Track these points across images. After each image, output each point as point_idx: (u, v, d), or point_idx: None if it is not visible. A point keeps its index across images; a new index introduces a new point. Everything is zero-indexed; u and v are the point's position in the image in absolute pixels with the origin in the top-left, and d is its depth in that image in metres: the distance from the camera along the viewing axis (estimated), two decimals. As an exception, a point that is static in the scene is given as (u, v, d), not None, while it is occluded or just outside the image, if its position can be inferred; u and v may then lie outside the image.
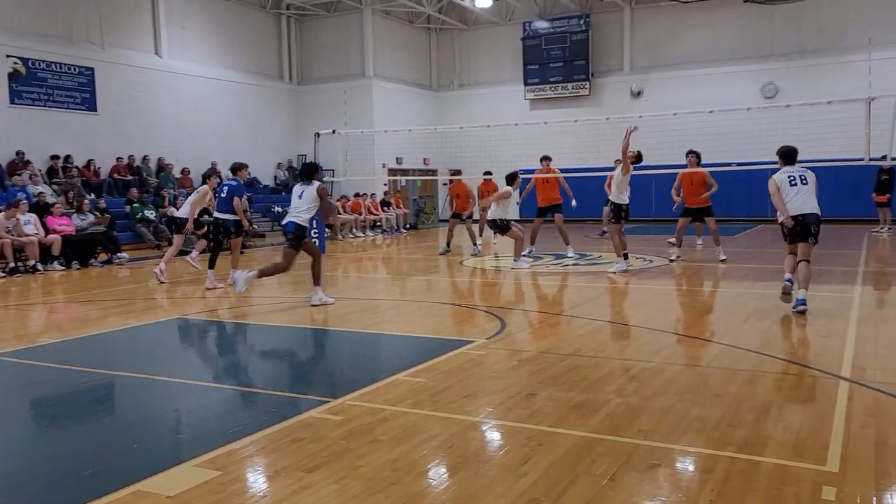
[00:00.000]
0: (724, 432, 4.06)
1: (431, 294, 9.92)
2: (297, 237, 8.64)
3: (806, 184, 7.82)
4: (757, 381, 5.13)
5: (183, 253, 12.81)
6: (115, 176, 19.32)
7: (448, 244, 15.05)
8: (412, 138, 23.88)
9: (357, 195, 22.35)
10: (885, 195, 17.51)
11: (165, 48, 21.42)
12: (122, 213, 17.63)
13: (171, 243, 16.67)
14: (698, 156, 12.58)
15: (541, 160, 14.12)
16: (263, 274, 9.00)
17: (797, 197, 7.77)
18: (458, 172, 25.98)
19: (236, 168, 11.51)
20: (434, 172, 27.55)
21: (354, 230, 21.51)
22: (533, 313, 8.14)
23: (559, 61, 26.41)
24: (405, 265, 14.64)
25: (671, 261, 12.23)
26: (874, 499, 3.22)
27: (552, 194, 13.91)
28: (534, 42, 26.76)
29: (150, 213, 17.45)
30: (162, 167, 20.63)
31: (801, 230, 7.81)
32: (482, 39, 28.31)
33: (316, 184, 8.79)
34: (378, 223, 22.70)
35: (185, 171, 21.13)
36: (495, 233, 12.47)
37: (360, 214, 21.97)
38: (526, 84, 27.00)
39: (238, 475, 3.63)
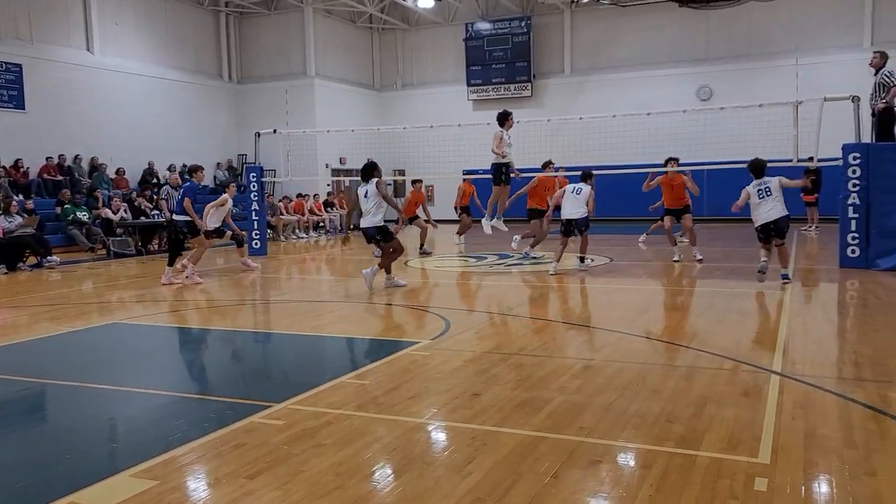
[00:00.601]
0: (663, 428, 4.16)
1: (376, 295, 9.87)
2: (383, 233, 9.66)
3: (771, 195, 9.20)
4: (693, 376, 5.28)
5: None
6: (45, 176, 18.65)
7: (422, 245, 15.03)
8: (355, 138, 23.73)
9: (299, 196, 22.10)
10: (812, 195, 18.20)
11: (98, 44, 20.76)
12: (53, 214, 17.02)
13: (103, 245, 16.24)
14: (677, 161, 12.66)
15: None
16: (387, 269, 9.90)
17: (766, 207, 9.21)
18: (402, 173, 25.97)
19: (192, 170, 11.57)
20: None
21: (297, 231, 21.26)
22: (477, 313, 8.19)
23: (501, 62, 26.65)
24: (349, 266, 14.54)
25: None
26: (803, 488, 3.34)
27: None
28: (476, 43, 26.93)
29: (83, 215, 16.90)
30: (95, 167, 19.99)
31: (776, 232, 9.26)
32: (425, 40, 28.35)
33: (374, 181, 9.60)
34: (321, 224, 22.49)
35: (119, 172, 20.52)
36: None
37: (303, 215, 21.73)
38: (469, 85, 27.15)
39: (177, 484, 3.55)
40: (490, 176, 11.08)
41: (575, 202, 10.92)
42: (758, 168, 9.44)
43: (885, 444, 3.89)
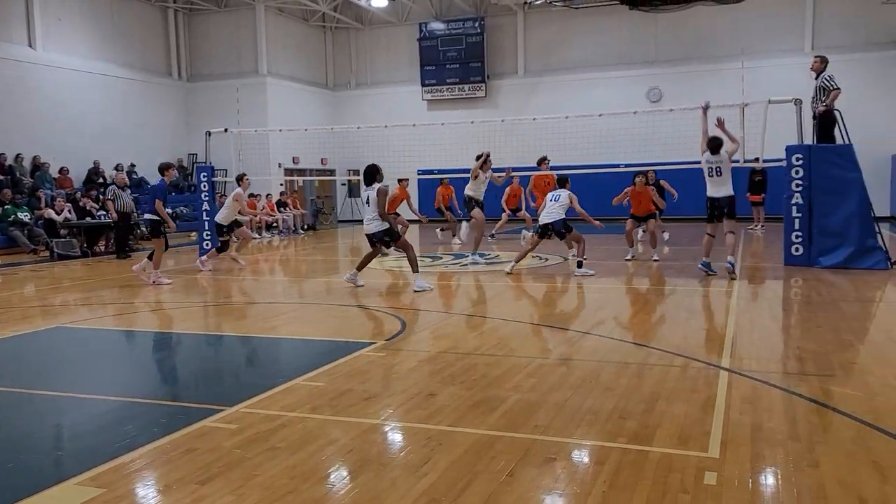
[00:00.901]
0: (616, 424, 4.22)
1: (331, 296, 9.80)
2: (391, 235, 9.72)
3: (720, 175, 9.90)
4: (645, 373, 5.37)
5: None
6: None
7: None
8: (309, 138, 23.53)
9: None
10: (759, 195, 18.70)
11: (40, 40, 20.13)
12: (-7, 215, 16.48)
13: (47, 246, 15.77)
14: (646, 176, 12.99)
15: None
16: (416, 269, 9.82)
17: (712, 184, 10.00)
18: (356, 172, 25.81)
19: (163, 168, 11.45)
20: (332, 173, 27.24)
21: (250, 231, 20.93)
22: (433, 313, 8.19)
23: (455, 63, 26.71)
24: (303, 267, 14.41)
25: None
26: (750, 481, 3.43)
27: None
28: (430, 43, 26.94)
29: (25, 216, 16.39)
30: (37, 166, 19.38)
31: (717, 211, 9.94)
32: (379, 39, 28.24)
33: (377, 187, 9.53)
34: (274, 224, 22.22)
35: (63, 171, 19.94)
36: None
37: (255, 215, 21.41)
38: (423, 85, 27.14)
39: (125, 491, 3.46)
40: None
41: (551, 208, 11.00)
42: (714, 146, 10.03)
43: (827, 436, 4.02)
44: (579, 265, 10.85)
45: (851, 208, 11.00)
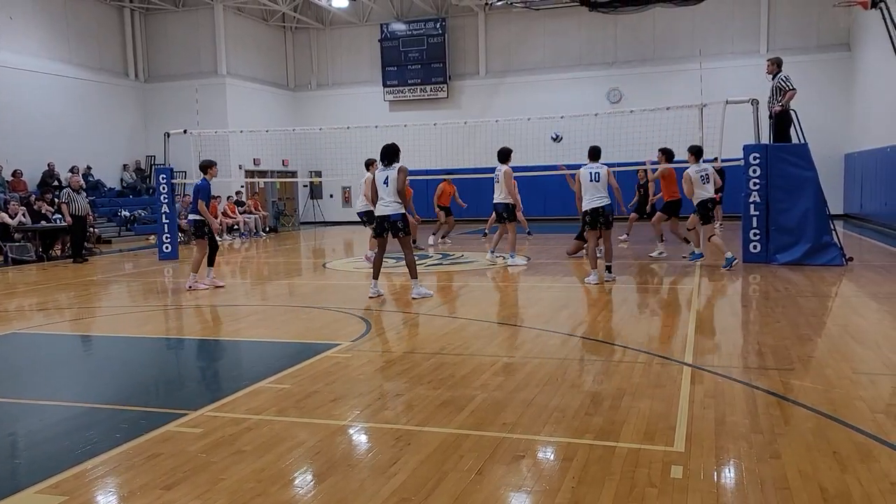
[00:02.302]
0: (583, 421, 4.26)
1: (294, 298, 9.71)
2: (406, 223, 8.83)
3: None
4: (610, 370, 5.42)
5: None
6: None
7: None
8: (270, 139, 23.31)
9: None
10: (717, 194, 19.02)
11: (-9, 39, 19.60)
12: (-57, 219, 15.94)
13: (0, 251, 15.33)
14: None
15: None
16: (414, 274, 9.08)
17: (708, 188, 10.93)
18: (318, 174, 25.67)
19: (205, 166, 10.63)
20: (294, 174, 27.00)
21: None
22: (398, 314, 8.17)
23: (417, 63, 26.69)
24: (266, 269, 14.25)
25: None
26: (715, 473, 3.49)
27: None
28: (392, 44, 26.87)
29: (-23, 220, 15.90)
30: (-11, 169, 18.85)
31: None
32: (340, 39, 28.09)
33: (398, 165, 8.78)
34: (235, 227, 21.95)
35: (17, 174, 19.42)
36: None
37: (216, 218, 21.13)
38: (385, 86, 27.06)
39: (87, 498, 3.38)
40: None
41: (594, 189, 10.11)
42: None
43: (788, 428, 4.11)
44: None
45: (807, 206, 11.28)
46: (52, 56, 21.52)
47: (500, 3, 24.70)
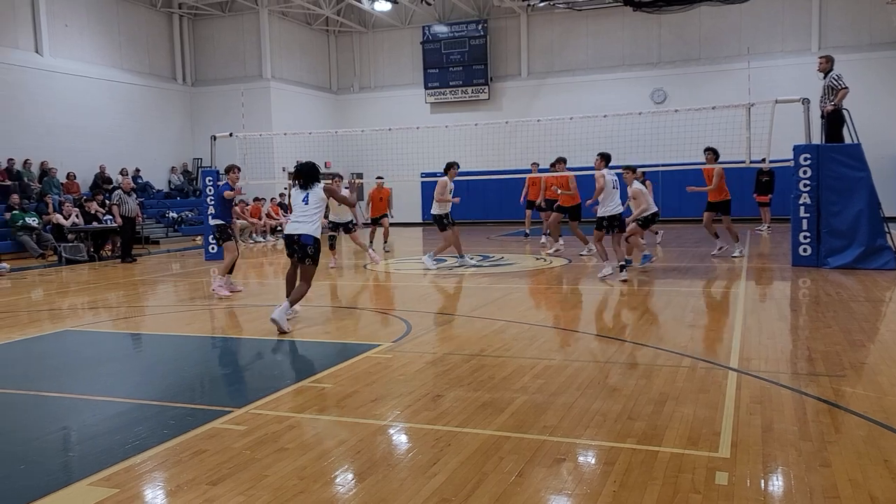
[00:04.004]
0: (625, 425, 4.21)
1: (335, 298, 9.80)
2: (317, 251, 7.60)
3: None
4: (653, 374, 5.35)
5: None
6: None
7: (371, 242, 15.21)
8: (312, 141, 23.56)
9: (256, 200, 21.85)
10: (766, 195, 18.63)
11: (47, 46, 20.24)
12: (1, 220, 16.53)
13: (55, 251, 15.81)
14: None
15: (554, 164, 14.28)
16: (294, 302, 7.66)
17: (615, 197, 10.48)
18: (360, 176, 25.85)
19: (225, 170, 10.70)
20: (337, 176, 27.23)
21: (254, 235, 21.01)
22: (438, 315, 8.19)
23: (458, 65, 26.73)
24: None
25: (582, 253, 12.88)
26: (762, 481, 3.41)
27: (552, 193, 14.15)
28: (433, 46, 26.97)
29: (33, 220, 16.45)
30: (45, 172, 19.46)
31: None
32: (382, 42, 28.29)
33: (321, 184, 7.85)
34: (279, 228, 22.26)
35: (70, 176, 20.02)
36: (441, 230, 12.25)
37: (260, 219, 21.48)
38: (426, 88, 27.17)
39: (137, 492, 3.47)
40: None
41: (614, 195, 10.82)
42: (607, 157, 10.59)
43: (839, 436, 3.99)
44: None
45: (860, 208, 10.96)
46: (105, 62, 22.14)
47: (542, 4, 24.61)
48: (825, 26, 22.94)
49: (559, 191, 13.82)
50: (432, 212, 12.25)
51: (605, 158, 10.62)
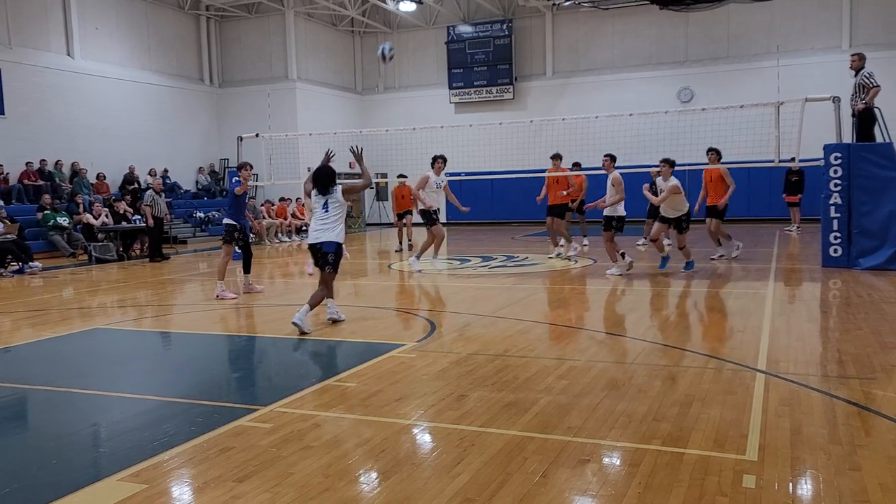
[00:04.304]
0: (650, 426, 4.18)
1: (360, 298, 9.85)
2: (338, 258, 7.56)
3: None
4: (679, 375, 5.31)
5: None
6: (26, 182, 18.43)
7: (400, 242, 15.26)
8: (337, 141, 23.59)
9: (282, 199, 22.03)
10: (796, 195, 18.37)
11: (78, 49, 20.59)
12: (34, 220, 16.83)
13: (85, 250, 16.07)
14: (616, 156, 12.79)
15: (551, 158, 14.08)
16: (314, 305, 7.52)
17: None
18: (384, 176, 25.93)
19: (238, 167, 10.74)
20: (360, 176, 27.34)
21: (280, 235, 21.18)
22: (462, 315, 8.19)
23: (483, 65, 26.70)
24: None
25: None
26: (790, 484, 3.37)
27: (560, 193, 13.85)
28: (458, 46, 26.97)
29: (63, 220, 16.74)
30: (76, 172, 19.79)
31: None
32: (407, 43, 28.34)
33: (339, 187, 7.74)
34: (304, 227, 22.41)
35: (100, 177, 20.34)
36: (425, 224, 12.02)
37: (286, 219, 21.65)
38: (451, 87, 27.18)
39: (164, 488, 3.52)
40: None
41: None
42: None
43: (870, 439, 3.93)
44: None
45: (892, 208, 10.77)
46: (134, 64, 22.46)
47: (567, 2, 24.50)
48: (856, 23, 22.55)
49: (565, 192, 13.68)
50: (418, 207, 11.96)
51: (615, 160, 11.25)
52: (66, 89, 20.09)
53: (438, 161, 12.02)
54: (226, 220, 10.28)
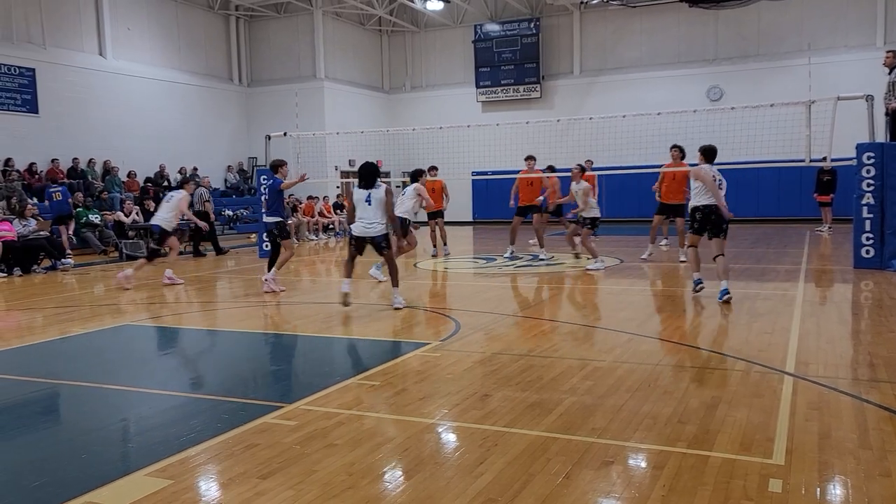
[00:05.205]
0: (675, 428, 4.14)
1: (385, 297, 9.88)
2: (388, 241, 8.82)
3: (722, 187, 8.64)
4: (705, 377, 5.25)
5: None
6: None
7: (434, 245, 15.22)
8: (364, 140, 23.80)
9: (310, 198, 22.18)
10: (827, 195, 18.07)
11: (110, 49, 20.92)
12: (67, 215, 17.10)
13: (116, 247, 16.32)
14: (682, 150, 12.88)
15: (525, 160, 14.16)
16: (396, 283, 8.82)
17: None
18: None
19: (275, 166, 10.89)
20: (387, 174, 27.46)
21: (308, 233, 21.33)
22: (487, 315, 8.18)
23: (510, 64, 26.63)
24: (358, 268, 14.54)
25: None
26: (818, 489, 3.32)
27: (534, 195, 13.93)
28: (485, 45, 26.93)
29: (95, 218, 17.01)
30: (108, 171, 20.12)
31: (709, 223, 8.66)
32: (434, 42, 28.37)
33: (383, 186, 8.60)
34: (331, 226, 22.55)
35: (131, 175, 20.66)
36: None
37: (313, 217, 21.80)
38: (478, 86, 27.15)
39: (190, 483, 3.57)
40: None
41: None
42: (712, 152, 8.89)
43: (901, 444, 3.86)
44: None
45: (926, 209, 10.55)
46: (164, 63, 22.77)
47: (595, 1, 24.34)
48: (891, 20, 22.10)
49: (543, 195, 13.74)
50: (397, 212, 11.27)
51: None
52: (98, 89, 20.43)
53: (422, 175, 12.63)
54: (271, 219, 10.33)
